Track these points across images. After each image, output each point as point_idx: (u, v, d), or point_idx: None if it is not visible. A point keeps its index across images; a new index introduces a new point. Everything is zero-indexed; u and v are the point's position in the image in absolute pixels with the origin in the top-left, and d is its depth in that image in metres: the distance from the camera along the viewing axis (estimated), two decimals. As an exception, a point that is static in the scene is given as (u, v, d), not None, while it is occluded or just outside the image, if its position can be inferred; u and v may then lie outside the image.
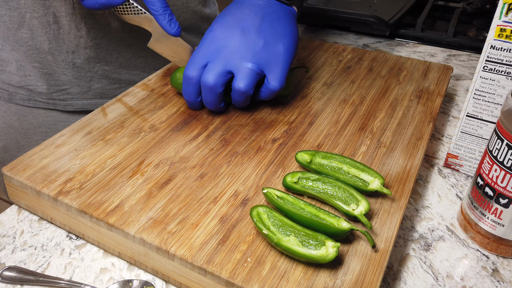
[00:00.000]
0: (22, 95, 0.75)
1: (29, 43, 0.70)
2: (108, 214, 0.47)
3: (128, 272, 0.48)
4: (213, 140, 0.59)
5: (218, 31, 0.61)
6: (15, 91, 0.75)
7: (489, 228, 0.49)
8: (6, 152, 0.80)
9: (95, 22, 0.71)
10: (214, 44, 0.60)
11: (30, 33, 0.70)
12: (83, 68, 0.74)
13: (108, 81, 0.77)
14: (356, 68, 0.77)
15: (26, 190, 0.52)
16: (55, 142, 0.57)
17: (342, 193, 0.49)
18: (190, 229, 0.46)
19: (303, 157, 0.53)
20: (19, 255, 0.49)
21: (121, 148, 0.57)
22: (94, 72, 0.76)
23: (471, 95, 0.56)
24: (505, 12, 0.49)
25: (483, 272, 0.49)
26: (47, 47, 0.71)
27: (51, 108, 0.77)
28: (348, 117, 0.64)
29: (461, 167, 0.62)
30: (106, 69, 0.76)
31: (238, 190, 0.51)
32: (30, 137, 0.77)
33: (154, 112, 0.64)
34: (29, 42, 0.70)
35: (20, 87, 0.74)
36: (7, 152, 0.80)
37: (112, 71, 0.77)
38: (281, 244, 0.42)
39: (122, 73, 0.78)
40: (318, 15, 1.02)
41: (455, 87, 0.82)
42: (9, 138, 0.78)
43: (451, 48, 0.96)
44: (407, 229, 0.54)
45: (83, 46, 0.73)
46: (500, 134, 0.46)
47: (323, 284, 0.41)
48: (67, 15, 0.69)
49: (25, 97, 0.75)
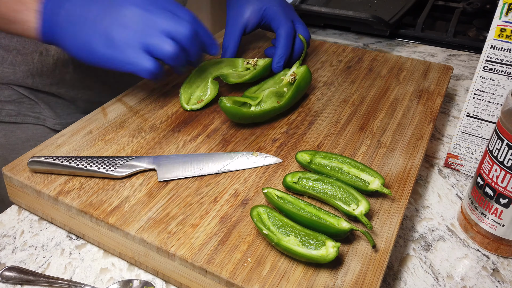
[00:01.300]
0: (10, 111, 0.73)
1: (10, 77, 0.70)
2: (108, 214, 0.47)
3: (128, 272, 0.48)
4: (213, 140, 0.59)
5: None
6: (1, 107, 0.72)
7: (489, 228, 0.49)
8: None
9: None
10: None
11: (12, 69, 0.70)
12: (67, 94, 0.75)
13: (91, 104, 0.78)
14: (356, 68, 0.77)
15: (26, 190, 0.52)
16: (55, 142, 0.57)
17: (342, 193, 0.49)
18: (190, 229, 0.46)
19: (303, 157, 0.53)
20: (19, 255, 0.49)
21: (121, 148, 0.57)
22: (78, 98, 0.77)
23: (471, 95, 0.56)
24: (505, 12, 0.49)
25: (483, 272, 0.49)
26: (30, 82, 0.71)
27: (40, 124, 0.76)
28: (348, 117, 0.64)
29: (461, 167, 0.62)
30: (89, 93, 0.78)
31: (238, 190, 0.51)
32: (19, 152, 0.74)
33: (154, 112, 0.64)
34: (11, 76, 0.70)
35: (8, 101, 0.73)
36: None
37: (95, 95, 0.79)
38: (281, 244, 0.42)
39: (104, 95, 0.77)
40: (318, 15, 1.02)
41: (455, 87, 0.82)
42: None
43: (451, 48, 0.96)
44: (407, 229, 0.54)
45: (68, 79, 0.73)
46: (500, 134, 0.46)
47: (323, 284, 0.41)
48: (55, 53, 0.69)
49: (13, 113, 0.73)
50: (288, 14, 0.73)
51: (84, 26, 0.53)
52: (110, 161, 0.52)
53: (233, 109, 0.58)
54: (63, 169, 0.51)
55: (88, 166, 0.51)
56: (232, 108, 0.58)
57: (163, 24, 0.53)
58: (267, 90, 0.63)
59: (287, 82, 0.65)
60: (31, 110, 0.74)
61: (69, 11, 0.54)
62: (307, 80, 0.65)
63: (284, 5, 0.74)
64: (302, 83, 0.64)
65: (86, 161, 0.51)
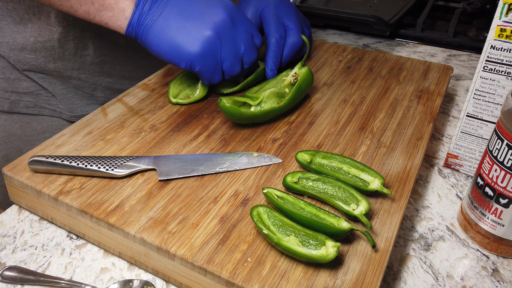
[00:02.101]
0: (27, 102, 0.74)
1: (32, 63, 0.71)
2: (108, 214, 0.47)
3: (129, 272, 0.48)
4: (213, 140, 0.59)
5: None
6: (19, 99, 0.74)
7: (489, 228, 0.49)
8: (8, 161, 0.78)
9: (102, 42, 0.74)
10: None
11: (33, 55, 0.70)
12: (87, 81, 0.76)
13: (111, 91, 0.80)
14: (356, 68, 0.77)
15: (26, 190, 0.52)
16: (55, 142, 0.57)
17: (342, 193, 0.49)
18: (191, 229, 0.46)
19: (303, 157, 0.53)
20: (19, 255, 0.49)
21: (121, 148, 0.57)
22: (98, 84, 0.78)
23: (471, 95, 0.56)
24: (505, 12, 0.49)
25: (483, 272, 0.49)
26: (51, 67, 0.72)
27: (56, 116, 0.77)
28: (348, 117, 0.64)
29: (461, 167, 0.62)
30: (109, 81, 0.79)
31: (238, 190, 0.51)
32: (34, 143, 0.76)
33: (154, 112, 0.64)
34: (33, 62, 0.71)
35: (26, 93, 0.74)
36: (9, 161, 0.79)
37: (115, 83, 0.80)
38: (281, 244, 0.42)
39: (124, 83, 0.80)
40: (318, 15, 1.02)
41: (455, 87, 0.82)
42: (10, 147, 0.76)
43: (451, 48, 0.96)
44: (407, 229, 0.54)
45: (88, 63, 0.74)
46: (500, 134, 0.46)
47: (323, 284, 0.41)
48: (74, 38, 0.71)
49: (30, 104, 0.75)
50: (281, 18, 0.73)
51: (174, 24, 0.59)
52: (111, 160, 0.52)
53: (232, 109, 0.58)
54: (64, 168, 0.51)
55: (88, 165, 0.51)
56: (231, 108, 0.58)
57: (242, 47, 0.62)
58: (268, 91, 0.63)
59: (289, 83, 0.65)
60: (47, 102, 0.76)
61: (163, 7, 0.59)
62: (308, 81, 0.65)
63: (279, 7, 0.74)
64: (303, 84, 0.64)
65: (87, 160, 0.51)
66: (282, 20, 0.72)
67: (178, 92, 0.68)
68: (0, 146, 0.76)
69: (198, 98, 0.67)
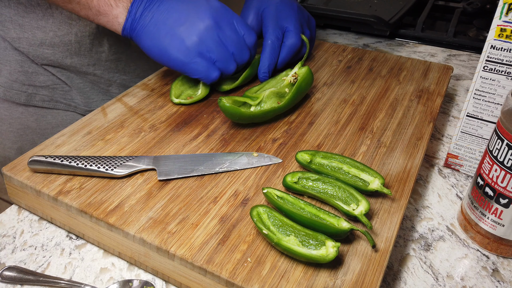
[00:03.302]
0: (43, 96, 0.76)
1: (50, 58, 0.72)
2: (108, 214, 0.47)
3: (128, 272, 0.48)
4: (213, 140, 0.59)
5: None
6: (36, 92, 0.75)
7: (489, 228, 0.49)
8: (21, 153, 0.79)
9: (117, 40, 0.75)
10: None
11: (51, 50, 0.72)
12: (102, 77, 0.78)
13: (126, 88, 0.80)
14: (356, 68, 0.77)
15: (26, 190, 0.52)
16: (55, 142, 0.57)
17: (342, 193, 0.49)
18: (190, 229, 0.46)
19: (303, 157, 0.53)
20: (19, 255, 0.49)
21: (121, 148, 0.57)
22: (113, 81, 0.79)
23: (471, 95, 0.56)
24: (505, 12, 0.49)
25: (483, 272, 0.49)
26: (68, 62, 0.73)
27: (71, 110, 0.78)
28: (348, 117, 0.64)
29: (461, 167, 0.62)
30: (124, 78, 0.80)
31: (238, 190, 0.51)
32: (48, 136, 0.76)
33: (154, 112, 0.64)
34: (50, 57, 0.72)
35: (42, 87, 0.75)
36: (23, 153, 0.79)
37: (129, 80, 0.81)
38: (281, 244, 0.42)
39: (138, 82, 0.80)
40: (318, 15, 1.02)
41: (455, 87, 0.82)
42: (25, 140, 0.78)
43: (451, 48, 0.96)
44: (407, 229, 0.54)
45: (103, 60, 0.76)
46: (500, 134, 0.46)
47: (323, 284, 0.41)
48: (90, 34, 0.72)
49: (46, 98, 0.76)
50: (280, 19, 0.73)
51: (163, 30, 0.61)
52: (110, 160, 0.52)
53: (231, 108, 0.58)
54: (63, 168, 0.51)
55: (88, 165, 0.51)
56: (231, 107, 0.58)
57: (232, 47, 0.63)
58: (268, 91, 0.63)
59: (289, 83, 0.65)
60: (63, 97, 0.77)
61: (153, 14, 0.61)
62: (308, 81, 0.65)
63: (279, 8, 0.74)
64: (303, 84, 0.64)
65: (86, 160, 0.51)
66: (280, 21, 0.72)
67: (180, 93, 0.68)
68: (15, 138, 0.78)
69: (201, 97, 0.67)
